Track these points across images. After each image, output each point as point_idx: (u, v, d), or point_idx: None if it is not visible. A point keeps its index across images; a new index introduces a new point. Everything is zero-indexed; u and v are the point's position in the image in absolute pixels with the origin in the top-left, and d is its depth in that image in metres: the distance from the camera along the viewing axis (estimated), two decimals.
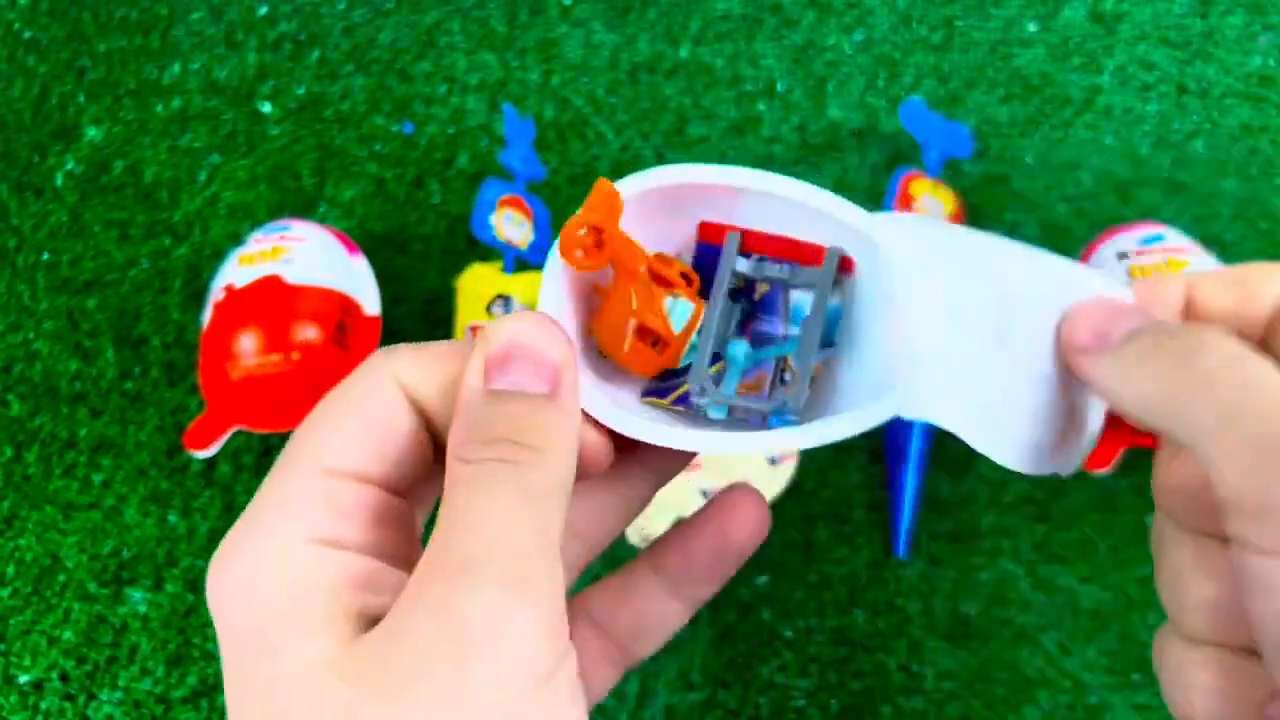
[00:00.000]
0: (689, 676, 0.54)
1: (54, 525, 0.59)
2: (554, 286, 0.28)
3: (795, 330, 0.29)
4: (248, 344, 0.56)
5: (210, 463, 0.60)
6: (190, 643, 0.56)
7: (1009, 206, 0.65)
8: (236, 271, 0.58)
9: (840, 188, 0.67)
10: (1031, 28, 0.71)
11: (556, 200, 0.66)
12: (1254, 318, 0.23)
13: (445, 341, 0.25)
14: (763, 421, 0.28)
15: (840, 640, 0.55)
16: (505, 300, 0.59)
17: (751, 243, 0.29)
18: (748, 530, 0.28)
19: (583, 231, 0.27)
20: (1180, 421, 0.20)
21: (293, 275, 0.57)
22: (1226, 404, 0.19)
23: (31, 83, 0.72)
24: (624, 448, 0.26)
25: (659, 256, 0.29)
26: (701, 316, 0.28)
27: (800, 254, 0.28)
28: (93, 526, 0.59)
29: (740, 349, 0.29)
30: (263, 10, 0.74)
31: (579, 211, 0.28)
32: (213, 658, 0.55)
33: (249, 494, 0.58)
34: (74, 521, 0.59)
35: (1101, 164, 0.66)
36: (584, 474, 0.25)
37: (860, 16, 0.72)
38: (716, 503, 0.28)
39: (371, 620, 0.21)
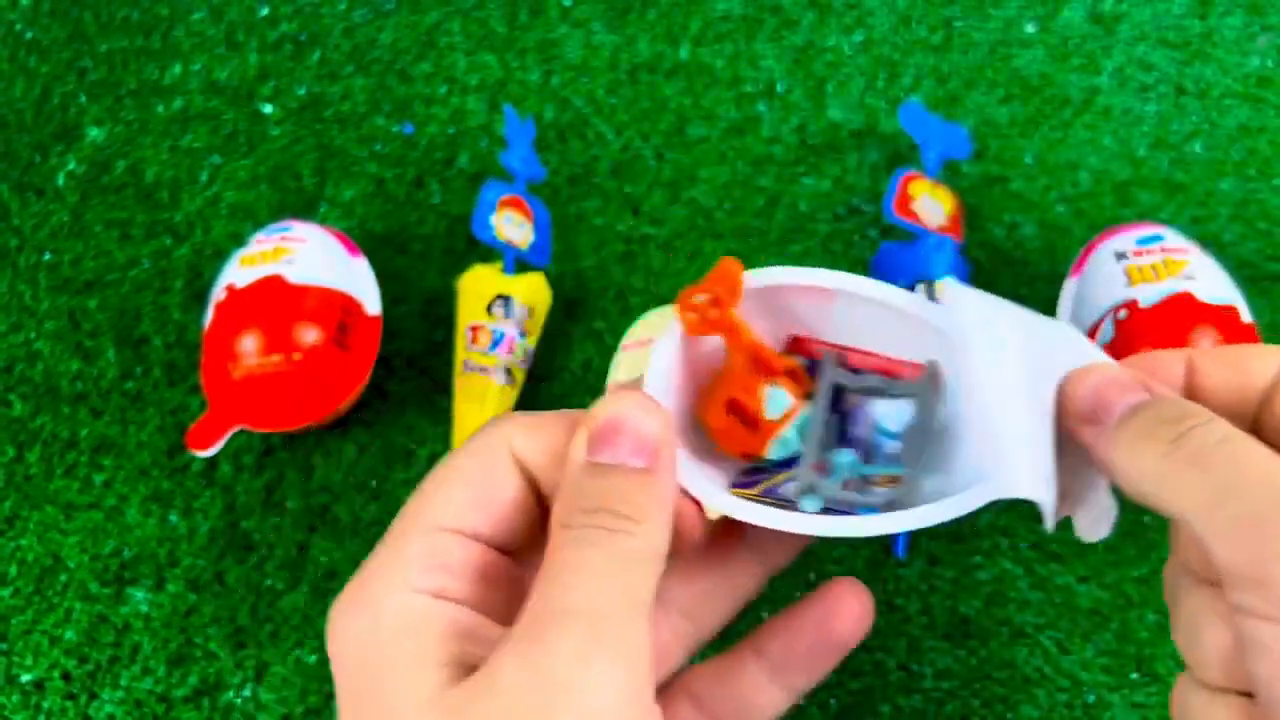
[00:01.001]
0: None
1: (55, 525, 0.59)
2: (664, 360, 0.29)
3: (879, 437, 0.32)
4: (249, 344, 0.56)
5: (211, 463, 0.60)
6: (192, 642, 0.56)
7: (1007, 207, 0.66)
8: (238, 272, 0.58)
9: (840, 188, 0.67)
10: (1030, 28, 0.71)
11: (557, 201, 0.66)
12: (1249, 396, 0.25)
13: (557, 412, 0.26)
14: (851, 511, 0.29)
15: None
16: (505, 300, 0.60)
17: (843, 357, 0.32)
18: (851, 626, 0.29)
19: (701, 298, 0.29)
20: (1175, 498, 0.22)
21: (294, 275, 0.57)
22: (1217, 483, 0.21)
23: (33, 83, 0.72)
24: (731, 534, 0.28)
25: (772, 350, 0.31)
26: (797, 413, 0.31)
27: (889, 368, 0.31)
28: (94, 526, 0.59)
29: (847, 457, 0.31)
30: (263, 11, 0.74)
31: (703, 280, 0.29)
32: (214, 657, 0.55)
33: (250, 494, 0.59)
34: (75, 521, 0.59)
35: (1100, 164, 0.67)
36: (680, 546, 0.26)
37: (860, 17, 0.72)
38: (820, 592, 0.30)
39: (473, 668, 0.22)
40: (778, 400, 0.30)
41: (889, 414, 0.31)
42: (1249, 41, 0.70)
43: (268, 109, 0.71)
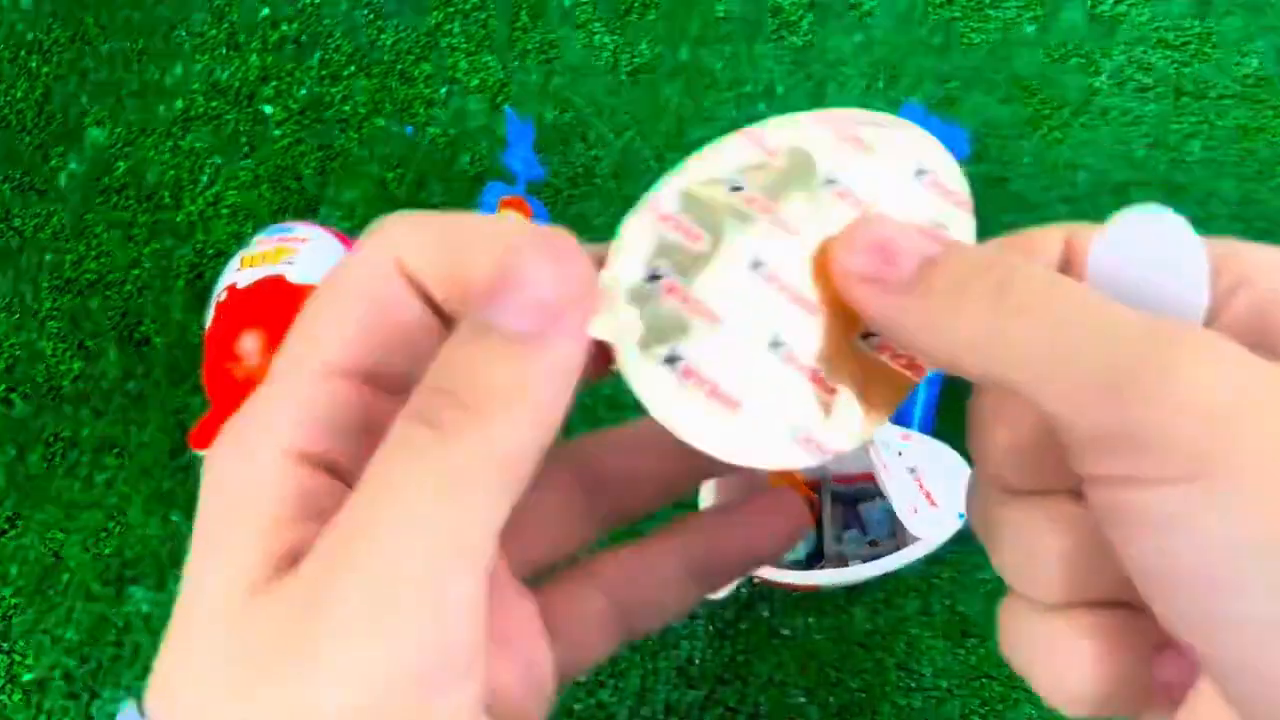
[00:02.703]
0: (688, 673, 0.55)
1: (57, 525, 0.59)
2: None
3: (869, 518, 0.59)
4: (251, 344, 0.56)
5: None
6: None
7: (1007, 208, 0.66)
8: (239, 272, 0.58)
9: None
10: (1030, 30, 0.72)
11: (557, 202, 0.66)
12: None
13: (449, 216, 0.21)
14: (844, 561, 0.56)
15: (839, 638, 0.55)
16: None
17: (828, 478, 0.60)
18: (783, 540, 0.27)
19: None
20: (1008, 362, 0.18)
21: (295, 276, 0.57)
22: (1059, 334, 0.17)
23: (34, 84, 0.73)
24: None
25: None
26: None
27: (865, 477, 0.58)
28: (96, 526, 0.59)
29: (854, 535, 0.59)
30: (265, 12, 0.74)
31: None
32: None
33: None
34: (77, 521, 0.59)
35: (1099, 165, 0.67)
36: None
37: (859, 19, 0.72)
38: (757, 504, 0.27)
39: (286, 556, 0.18)
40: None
41: (871, 508, 0.59)
42: (1248, 42, 0.70)
43: (269, 110, 0.71)
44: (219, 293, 0.59)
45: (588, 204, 0.67)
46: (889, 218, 0.20)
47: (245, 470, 0.19)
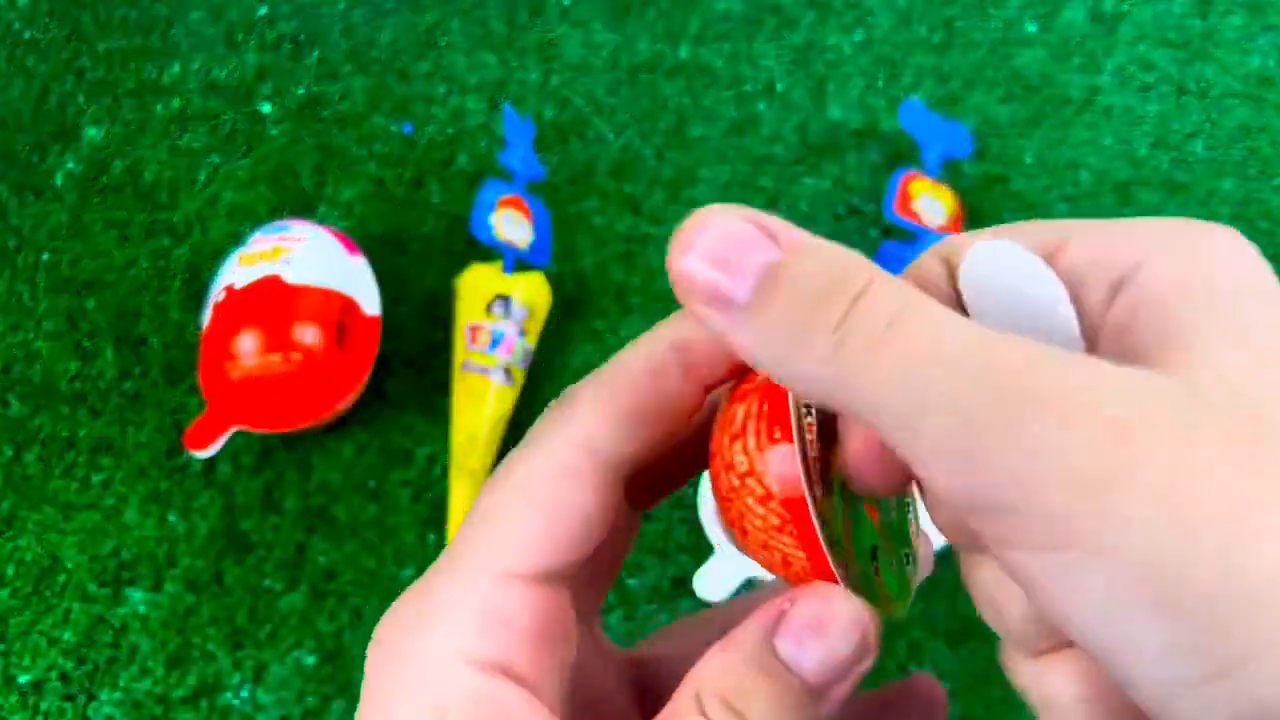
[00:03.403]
0: None
1: (54, 526, 0.59)
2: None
3: None
4: (247, 344, 0.56)
5: (210, 463, 0.60)
6: (190, 643, 0.56)
7: (1008, 206, 0.65)
8: (236, 272, 0.58)
9: (840, 187, 0.67)
10: (1031, 28, 0.71)
11: (556, 200, 0.66)
12: (1113, 278, 0.18)
13: (625, 373, 0.20)
14: None
15: None
16: (505, 300, 0.59)
17: None
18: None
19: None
20: (856, 412, 0.16)
21: (292, 275, 0.57)
22: (905, 382, 0.15)
23: (31, 83, 0.72)
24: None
25: None
26: None
27: None
28: (92, 527, 0.59)
29: None
30: (262, 10, 0.74)
31: None
32: (212, 657, 0.55)
33: (248, 494, 0.59)
34: (74, 522, 0.59)
35: (1101, 164, 0.66)
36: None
37: (860, 17, 0.72)
38: (901, 687, 0.26)
39: None
40: None
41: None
42: (1250, 41, 0.70)
43: (267, 109, 0.71)
44: (216, 292, 0.58)
45: (587, 202, 0.66)
46: (727, 207, 0.18)
47: (426, 683, 0.18)
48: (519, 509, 0.19)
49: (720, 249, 0.17)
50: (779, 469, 0.19)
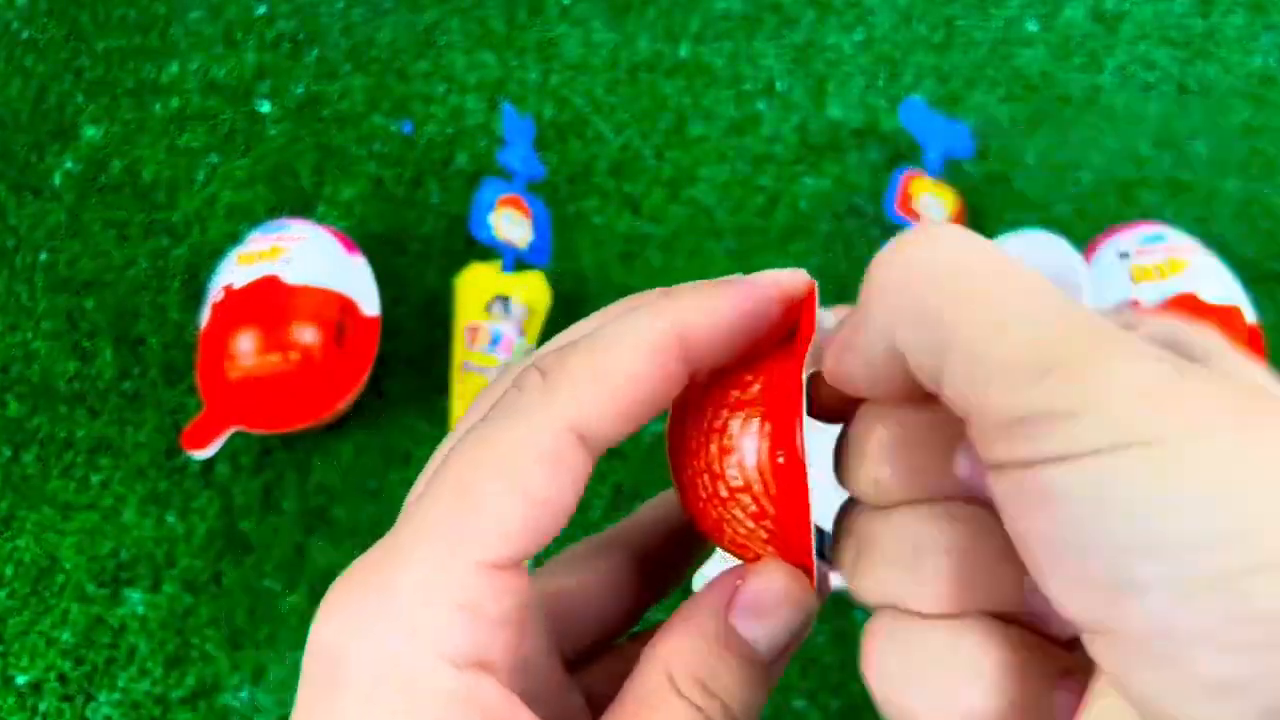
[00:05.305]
0: None
1: (52, 526, 0.59)
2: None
3: None
4: (246, 344, 0.56)
5: (209, 463, 0.59)
6: (189, 644, 0.56)
7: (1010, 206, 0.65)
8: (235, 271, 0.58)
9: (841, 187, 0.67)
10: (1032, 27, 0.71)
11: (556, 200, 0.66)
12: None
13: (625, 353, 0.19)
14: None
15: (840, 642, 0.54)
16: (504, 300, 0.59)
17: None
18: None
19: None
20: (941, 350, 0.17)
21: (291, 275, 0.57)
22: (1001, 319, 0.17)
23: (29, 82, 0.72)
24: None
25: None
26: None
27: None
28: (91, 527, 0.59)
29: None
30: (261, 9, 0.74)
31: None
32: (211, 658, 0.55)
33: (247, 495, 0.58)
34: (72, 522, 0.59)
35: (1103, 163, 0.66)
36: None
37: (860, 16, 0.72)
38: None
39: None
40: None
41: None
42: (1252, 40, 0.70)
43: (265, 108, 0.70)
44: (215, 292, 0.58)
45: (587, 202, 0.66)
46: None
47: (400, 675, 0.17)
48: (502, 493, 0.18)
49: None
50: (788, 497, 0.19)
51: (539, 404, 0.19)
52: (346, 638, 0.17)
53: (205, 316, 0.58)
